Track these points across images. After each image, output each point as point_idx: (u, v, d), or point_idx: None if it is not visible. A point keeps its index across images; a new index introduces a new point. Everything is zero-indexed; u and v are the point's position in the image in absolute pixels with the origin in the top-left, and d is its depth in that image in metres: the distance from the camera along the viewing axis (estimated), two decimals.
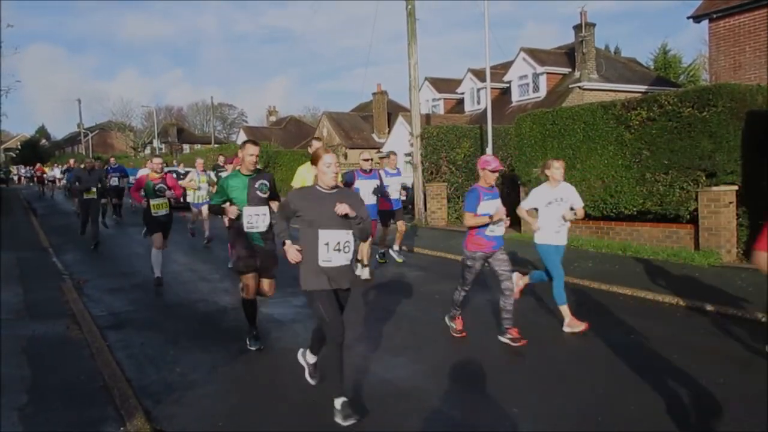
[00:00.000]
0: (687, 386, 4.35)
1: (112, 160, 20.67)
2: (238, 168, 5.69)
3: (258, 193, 5.42)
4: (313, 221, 3.96)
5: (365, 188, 8.71)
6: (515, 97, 26.86)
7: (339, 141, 34.77)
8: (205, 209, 12.09)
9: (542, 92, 25.59)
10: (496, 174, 5.54)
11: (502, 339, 5.58)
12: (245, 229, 5.42)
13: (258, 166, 5.62)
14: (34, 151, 65.99)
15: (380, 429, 3.91)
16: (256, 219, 5.42)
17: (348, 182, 8.68)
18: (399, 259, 10.21)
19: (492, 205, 5.48)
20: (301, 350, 4.66)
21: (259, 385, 4.71)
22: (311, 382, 4.53)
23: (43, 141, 76.80)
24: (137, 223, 16.26)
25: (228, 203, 5.54)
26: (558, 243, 6.13)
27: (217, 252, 11.53)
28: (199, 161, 13.26)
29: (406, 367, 5.08)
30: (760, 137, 9.09)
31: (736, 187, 9.22)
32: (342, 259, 4.00)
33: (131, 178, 20.04)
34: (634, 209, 10.39)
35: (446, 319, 5.99)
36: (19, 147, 71.10)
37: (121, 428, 3.84)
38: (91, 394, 4.43)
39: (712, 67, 15.48)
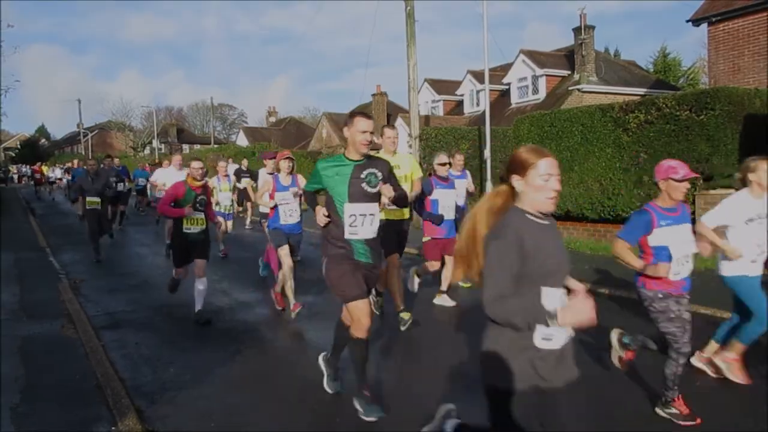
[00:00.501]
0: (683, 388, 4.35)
1: (116, 161, 18.34)
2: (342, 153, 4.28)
3: (364, 186, 4.04)
4: None
5: (445, 200, 7.07)
6: (514, 99, 26.88)
7: (338, 142, 34.76)
8: (230, 223, 11.23)
9: (541, 94, 25.60)
10: (686, 186, 3.81)
11: (662, 412, 3.92)
12: (346, 236, 4.03)
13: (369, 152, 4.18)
14: (34, 150, 65.98)
15: (380, 429, 3.90)
16: (361, 221, 4.05)
17: (425, 192, 7.02)
18: (465, 284, 7.99)
19: (675, 234, 3.80)
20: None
21: (253, 385, 4.71)
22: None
23: (43, 141, 76.74)
24: (136, 223, 16.27)
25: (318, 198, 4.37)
26: (755, 274, 4.37)
27: (214, 251, 11.49)
28: (222, 164, 11.09)
29: (402, 368, 5.08)
30: (758, 141, 9.10)
31: (733, 191, 9.21)
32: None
33: (139, 180, 18.50)
34: (632, 212, 10.39)
35: (658, 409, 3.93)
36: (19, 146, 71.10)
37: (113, 428, 3.83)
38: (84, 393, 4.43)
39: (711, 71, 15.50)
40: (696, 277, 4.14)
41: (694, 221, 3.72)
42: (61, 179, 30.72)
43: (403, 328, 6.03)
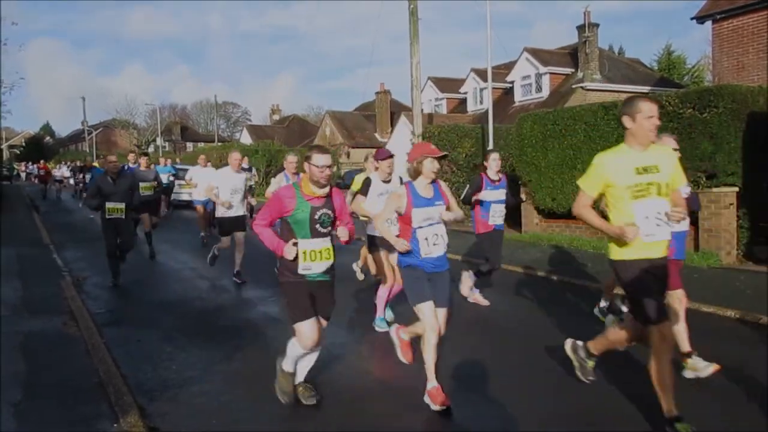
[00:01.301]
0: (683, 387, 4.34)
1: (142, 160, 11.96)
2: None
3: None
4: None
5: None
6: (518, 97, 26.83)
7: (342, 140, 34.77)
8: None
9: (545, 92, 25.56)
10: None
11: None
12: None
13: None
14: (39, 148, 66.21)
15: (381, 430, 3.90)
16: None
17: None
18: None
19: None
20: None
21: (254, 383, 4.71)
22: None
23: (48, 138, 77.01)
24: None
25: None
26: None
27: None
28: (291, 159, 8.04)
29: (404, 366, 5.07)
30: (761, 139, 9.06)
31: (736, 189, 9.18)
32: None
33: (167, 176, 15.69)
34: None
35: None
36: (24, 144, 71.32)
37: (114, 425, 3.84)
38: (86, 390, 4.44)
39: (715, 69, 15.43)
40: (698, 274, 4.11)
41: (697, 220, 3.67)
42: (67, 178, 29.97)
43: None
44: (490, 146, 15.49)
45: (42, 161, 35.19)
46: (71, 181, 28.86)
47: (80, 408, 4.13)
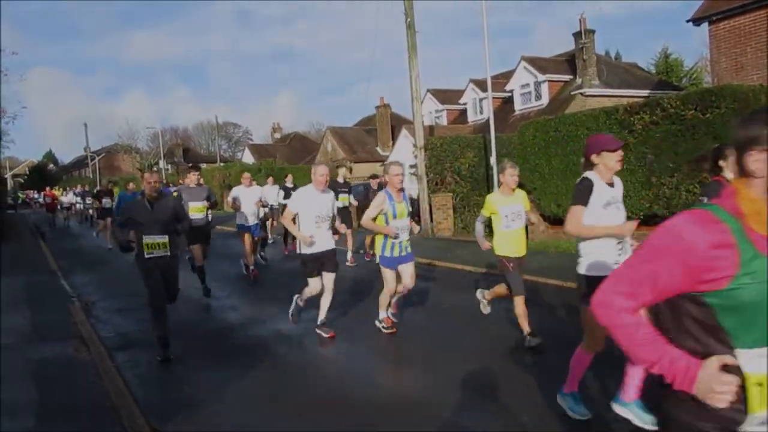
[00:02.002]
0: None
1: (191, 176, 10.13)
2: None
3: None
4: None
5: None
6: (518, 105, 26.89)
7: (343, 155, 34.87)
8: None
9: (544, 100, 25.61)
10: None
11: None
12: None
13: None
14: (42, 176, 66.56)
15: None
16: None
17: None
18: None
19: None
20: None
21: (267, 402, 4.68)
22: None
23: (51, 166, 77.44)
24: None
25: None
26: None
27: (223, 267, 11.50)
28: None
29: (416, 378, 5.04)
30: None
31: None
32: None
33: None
34: (641, 213, 10.33)
35: None
36: (27, 173, 71.73)
37: None
38: (98, 414, 4.41)
39: (713, 70, 15.45)
40: None
41: None
42: (75, 204, 28.50)
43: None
44: (493, 155, 15.50)
45: (48, 188, 33.48)
46: (79, 207, 27.79)
47: None
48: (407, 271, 6.38)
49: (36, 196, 47.03)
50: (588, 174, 3.83)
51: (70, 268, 12.66)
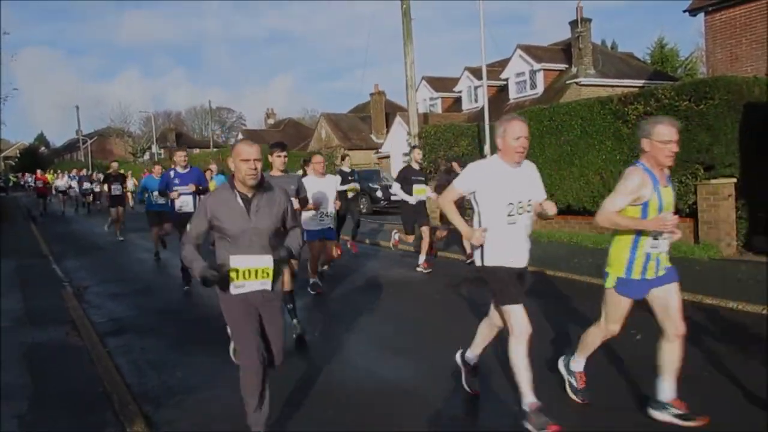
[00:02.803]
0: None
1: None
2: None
3: None
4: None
5: None
6: (513, 94, 26.86)
7: (337, 142, 34.75)
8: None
9: (539, 89, 25.60)
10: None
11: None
12: None
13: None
14: (33, 158, 66.04)
15: (383, 430, 3.90)
16: None
17: None
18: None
19: None
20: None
21: None
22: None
23: (42, 148, 76.84)
24: (137, 228, 16.13)
25: None
26: None
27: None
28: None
29: (407, 367, 5.07)
30: (758, 129, 9.08)
31: (734, 180, 9.20)
32: None
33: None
34: None
35: None
36: (19, 155, 71.16)
37: None
38: (90, 400, 4.42)
39: (708, 60, 15.48)
40: (699, 266, 4.10)
41: (696, 212, 3.65)
42: (69, 188, 26.17)
43: None
44: (487, 144, 15.50)
45: (39, 171, 30.78)
46: (74, 192, 25.83)
47: (85, 417, 4.12)
48: (672, 303, 3.75)
49: (29, 179, 45.86)
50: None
51: (62, 253, 12.61)
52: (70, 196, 26.33)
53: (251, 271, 3.53)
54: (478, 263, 3.92)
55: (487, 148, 15.42)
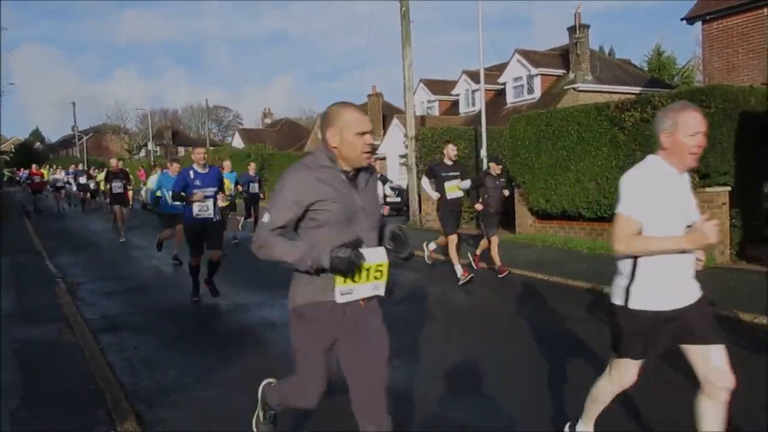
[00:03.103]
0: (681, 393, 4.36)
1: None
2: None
3: None
4: None
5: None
6: (510, 98, 26.90)
7: None
8: None
9: (537, 94, 25.64)
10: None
11: None
12: None
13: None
14: (28, 154, 65.76)
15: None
16: None
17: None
18: None
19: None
20: None
21: (253, 387, 4.67)
22: None
23: (38, 144, 76.54)
24: (133, 226, 16.10)
25: None
26: None
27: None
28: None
29: (402, 369, 5.07)
30: (753, 138, 9.13)
31: (729, 188, 9.24)
32: None
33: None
34: None
35: None
36: (13, 150, 70.85)
37: None
38: (82, 397, 4.41)
39: (705, 69, 15.56)
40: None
41: None
42: (66, 184, 25.81)
43: None
44: (483, 147, 15.55)
45: (34, 166, 30.99)
46: (70, 188, 25.55)
47: (78, 415, 4.10)
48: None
49: (23, 174, 45.27)
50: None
51: (56, 249, 12.57)
52: (67, 192, 25.93)
53: (364, 270, 2.63)
54: (617, 302, 2.91)
55: (483, 151, 15.47)
